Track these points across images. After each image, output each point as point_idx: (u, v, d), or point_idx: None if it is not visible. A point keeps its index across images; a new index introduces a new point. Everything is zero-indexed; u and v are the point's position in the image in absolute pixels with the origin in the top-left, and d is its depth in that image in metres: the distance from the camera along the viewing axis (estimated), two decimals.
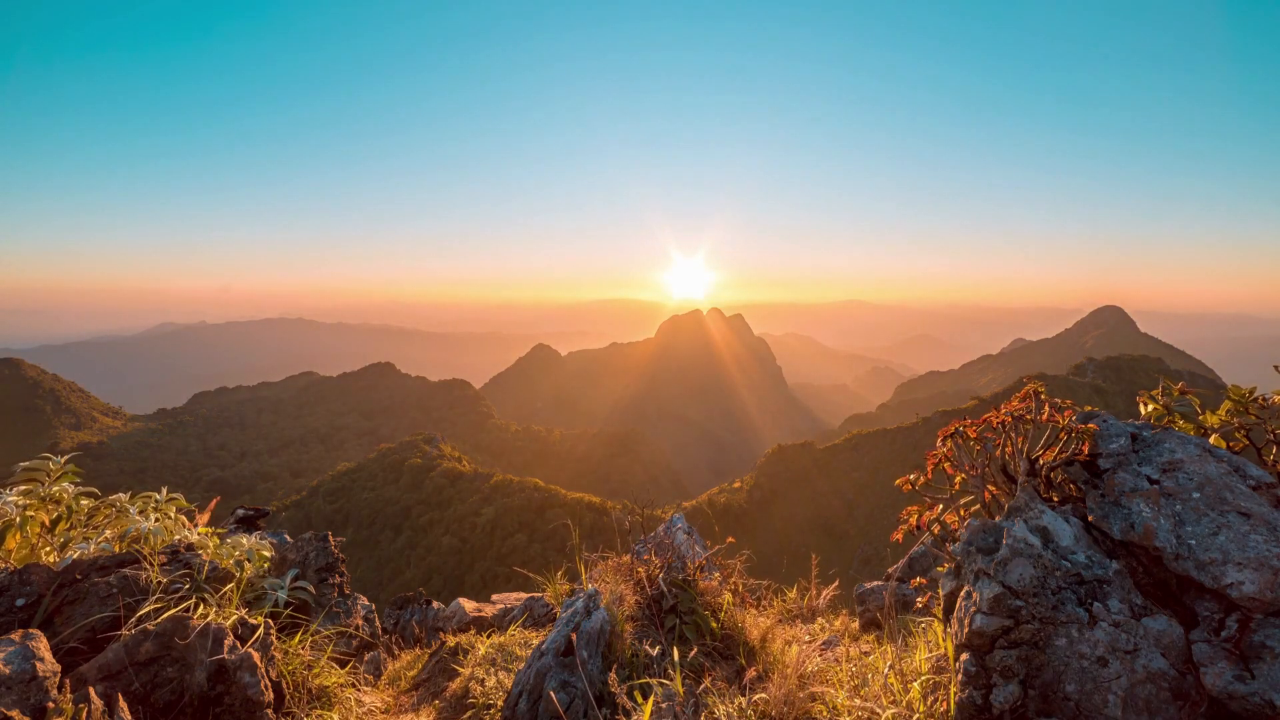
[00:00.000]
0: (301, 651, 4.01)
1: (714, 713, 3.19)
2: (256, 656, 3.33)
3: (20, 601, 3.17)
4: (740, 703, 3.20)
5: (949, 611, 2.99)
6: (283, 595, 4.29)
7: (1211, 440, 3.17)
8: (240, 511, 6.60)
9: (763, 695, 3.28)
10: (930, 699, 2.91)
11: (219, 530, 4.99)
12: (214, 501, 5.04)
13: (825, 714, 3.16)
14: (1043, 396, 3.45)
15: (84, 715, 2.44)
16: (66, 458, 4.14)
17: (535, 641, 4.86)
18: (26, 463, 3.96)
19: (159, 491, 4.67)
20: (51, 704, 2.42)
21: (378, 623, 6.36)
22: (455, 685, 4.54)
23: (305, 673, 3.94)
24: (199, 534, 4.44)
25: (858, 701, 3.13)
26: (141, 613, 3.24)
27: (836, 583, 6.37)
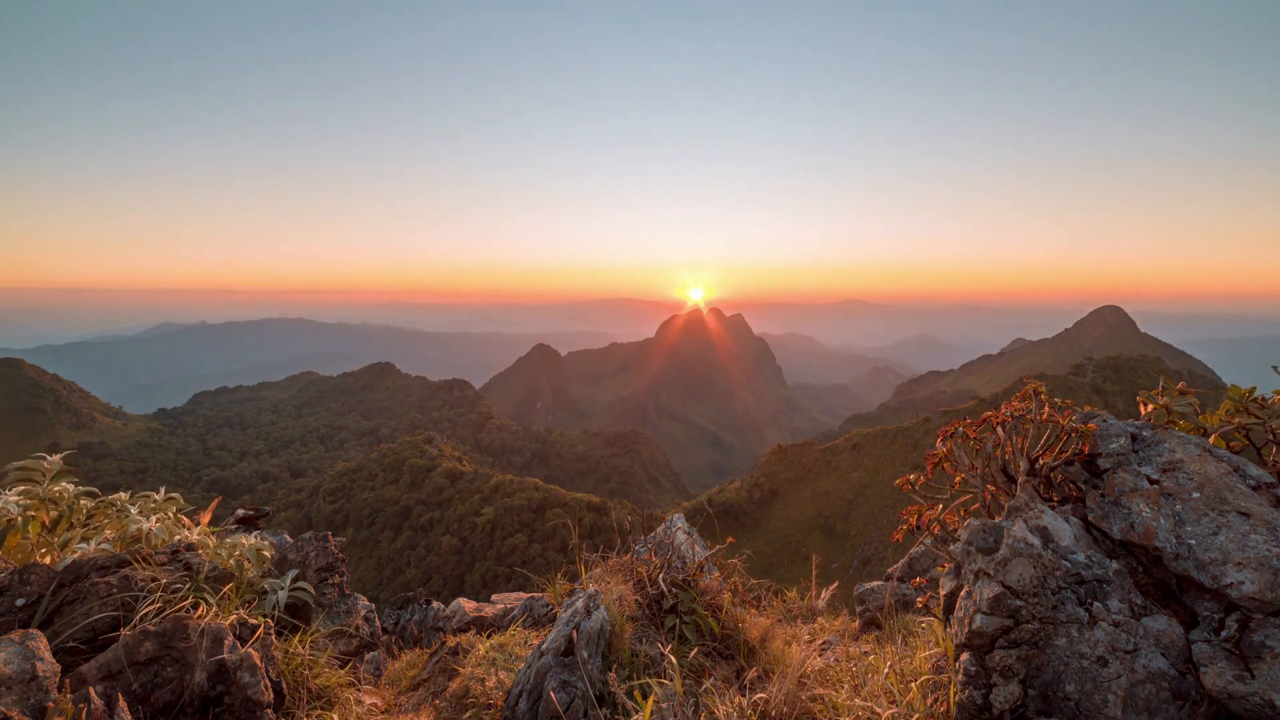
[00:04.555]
0: (301, 651, 4.01)
1: (714, 713, 3.19)
2: (256, 656, 3.33)
3: (20, 601, 3.17)
4: (740, 703, 3.20)
5: (949, 611, 2.99)
6: (283, 595, 4.29)
7: (1211, 440, 3.17)
8: (240, 511, 6.60)
9: (763, 695, 3.28)
10: (930, 699, 2.91)
11: (217, 530, 4.99)
12: (215, 501, 5.04)
13: (826, 714, 3.16)
14: (1043, 396, 3.45)
15: (84, 715, 2.44)
16: (60, 456, 4.13)
17: (535, 641, 4.86)
18: (18, 463, 3.94)
19: (158, 491, 4.66)
20: (51, 704, 2.42)
21: (378, 623, 6.35)
22: (455, 685, 4.54)
23: (305, 673, 3.94)
24: (199, 534, 4.44)
25: (858, 701, 3.13)
26: (142, 613, 3.24)
27: (836, 583, 6.37)
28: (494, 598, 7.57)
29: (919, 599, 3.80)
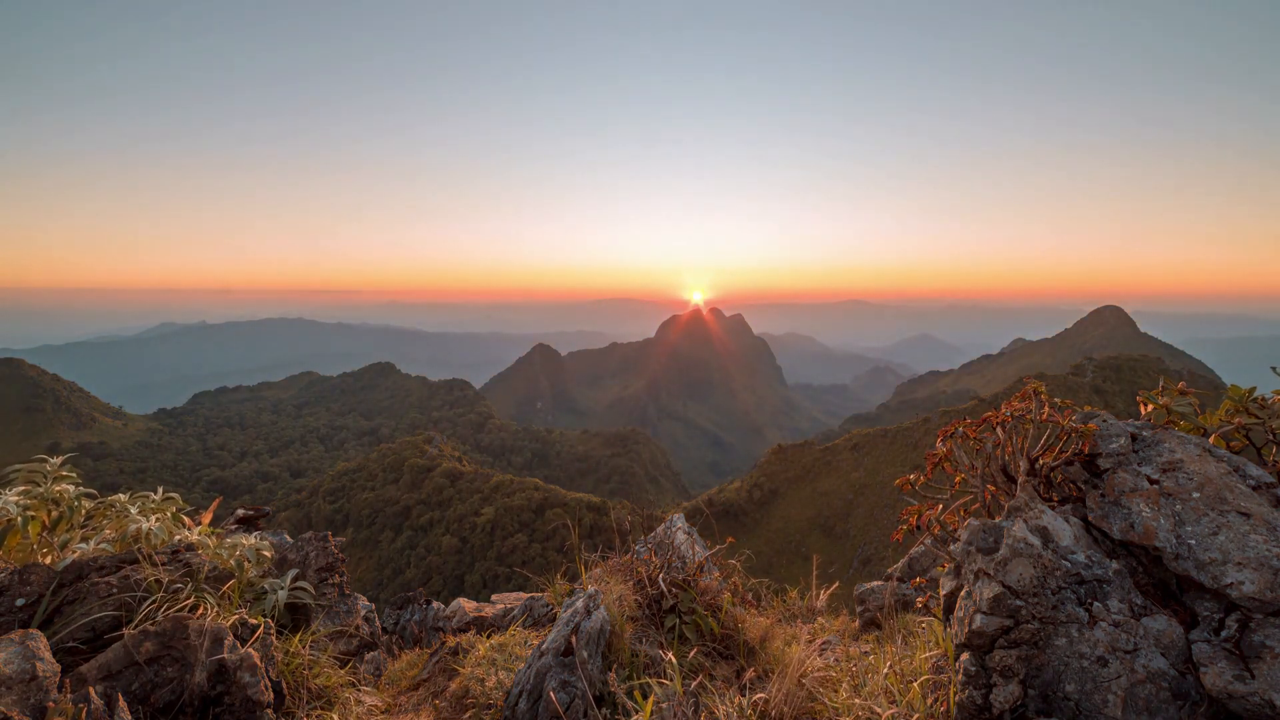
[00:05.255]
0: (301, 651, 4.01)
1: (714, 713, 3.19)
2: (256, 656, 3.33)
3: (20, 601, 3.17)
4: (740, 702, 3.20)
5: (949, 611, 2.99)
6: (283, 595, 4.29)
7: (1211, 440, 3.17)
8: (240, 511, 6.60)
9: (762, 695, 3.28)
10: (930, 699, 2.91)
11: (217, 530, 4.99)
12: (216, 501, 5.04)
13: (825, 714, 3.16)
14: (1043, 396, 3.45)
15: (84, 715, 2.44)
16: (63, 459, 4.14)
17: (535, 641, 4.86)
18: (20, 465, 3.95)
19: (156, 491, 4.66)
20: (51, 704, 2.42)
21: (378, 623, 6.36)
22: (455, 685, 4.54)
23: (305, 672, 3.94)
24: (199, 534, 4.44)
25: (858, 701, 3.13)
26: (142, 613, 3.24)
27: (836, 584, 6.37)
28: (494, 598, 7.57)
29: (919, 599, 3.80)
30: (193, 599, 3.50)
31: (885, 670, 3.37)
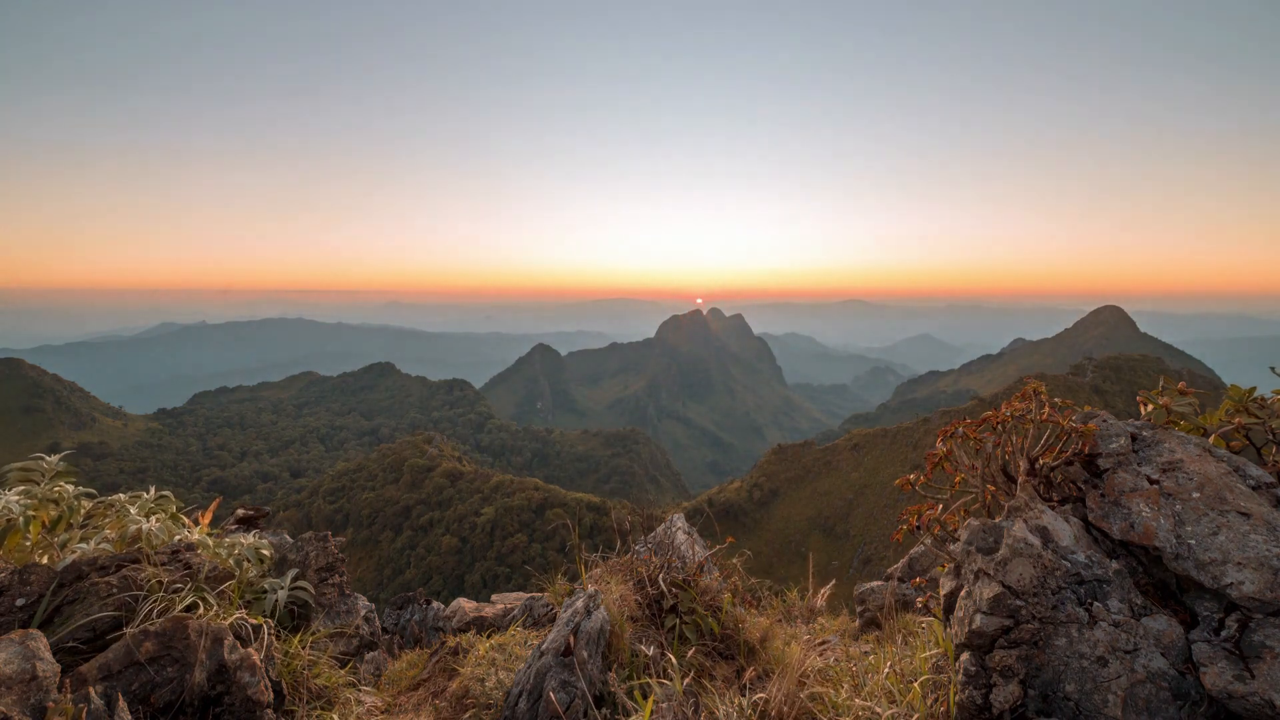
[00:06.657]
0: (302, 651, 4.01)
1: (714, 713, 3.19)
2: (256, 656, 3.33)
3: (20, 601, 3.17)
4: (740, 702, 3.20)
5: (949, 611, 2.99)
6: (283, 595, 4.29)
7: (1211, 440, 3.17)
8: (240, 511, 6.60)
9: (762, 695, 3.28)
10: (930, 699, 2.91)
11: (216, 530, 4.99)
12: (215, 501, 5.04)
13: (825, 714, 3.16)
14: (1043, 396, 3.45)
15: (84, 715, 2.44)
16: (59, 456, 4.12)
17: (535, 641, 4.86)
18: (18, 463, 3.93)
19: (148, 491, 4.59)
20: (52, 704, 2.42)
21: (378, 623, 6.36)
22: (455, 685, 4.54)
23: (305, 672, 3.94)
24: (199, 534, 4.44)
25: (858, 701, 3.13)
26: (142, 613, 3.24)
27: (834, 582, 6.37)
28: (494, 598, 7.57)
29: (919, 599, 3.80)
30: (193, 599, 3.49)
31: (885, 670, 3.37)
